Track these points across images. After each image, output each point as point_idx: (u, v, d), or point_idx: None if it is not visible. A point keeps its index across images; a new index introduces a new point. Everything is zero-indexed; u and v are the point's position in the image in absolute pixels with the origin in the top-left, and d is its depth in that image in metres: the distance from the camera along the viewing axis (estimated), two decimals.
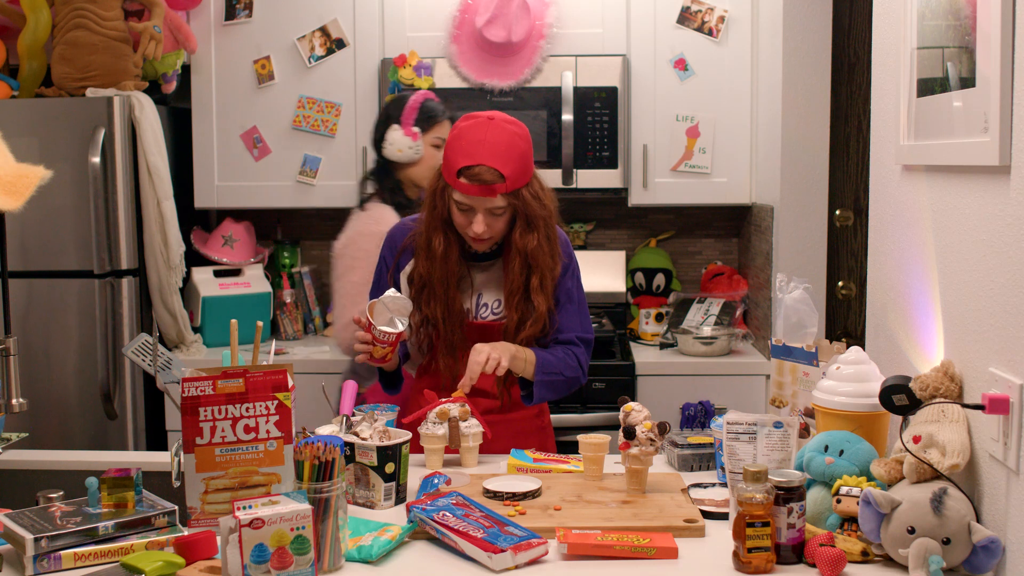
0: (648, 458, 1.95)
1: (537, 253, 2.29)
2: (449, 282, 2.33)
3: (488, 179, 2.21)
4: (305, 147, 3.72)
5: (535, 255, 2.29)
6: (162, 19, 3.48)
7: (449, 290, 2.32)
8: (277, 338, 3.86)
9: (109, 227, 3.32)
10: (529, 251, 2.29)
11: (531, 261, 2.30)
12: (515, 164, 2.23)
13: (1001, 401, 1.49)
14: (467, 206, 2.25)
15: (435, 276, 2.32)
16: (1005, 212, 1.53)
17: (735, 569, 1.62)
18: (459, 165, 2.22)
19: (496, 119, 2.26)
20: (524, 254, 2.29)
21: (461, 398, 2.20)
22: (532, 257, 2.29)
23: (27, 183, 1.76)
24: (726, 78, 3.60)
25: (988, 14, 1.55)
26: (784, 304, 2.09)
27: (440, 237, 2.32)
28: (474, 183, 2.21)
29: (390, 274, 2.43)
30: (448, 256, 2.32)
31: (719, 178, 3.62)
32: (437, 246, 2.31)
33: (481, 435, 2.18)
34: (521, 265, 2.30)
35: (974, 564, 1.53)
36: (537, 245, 2.29)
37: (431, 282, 2.33)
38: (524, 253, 2.29)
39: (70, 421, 3.35)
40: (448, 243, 2.32)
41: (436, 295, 2.33)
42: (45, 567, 1.64)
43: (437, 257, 2.32)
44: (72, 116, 3.31)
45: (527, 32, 3.53)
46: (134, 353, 2.09)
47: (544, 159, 3.56)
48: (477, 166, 2.21)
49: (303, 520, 1.53)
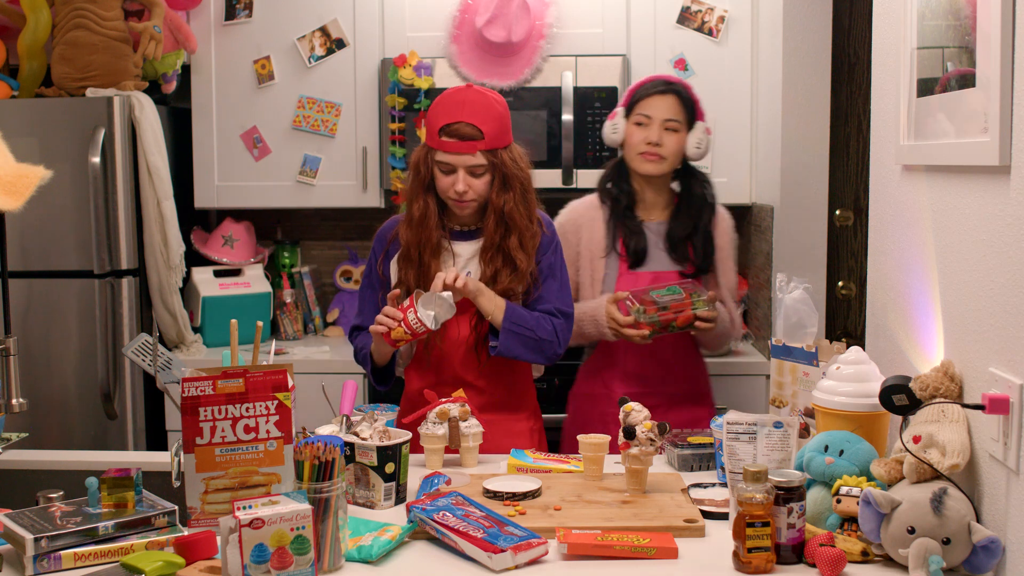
0: (648, 458, 1.95)
1: (513, 213, 2.38)
2: (424, 246, 2.40)
3: (468, 133, 2.33)
4: (305, 147, 3.72)
5: (511, 215, 2.38)
6: (162, 19, 3.48)
7: (424, 254, 2.39)
8: (277, 338, 3.86)
9: (109, 227, 3.32)
10: (506, 211, 2.38)
11: (508, 220, 2.38)
12: (493, 124, 2.36)
13: (1001, 401, 1.49)
14: (449, 167, 2.36)
15: (412, 240, 2.40)
16: (1005, 212, 1.53)
17: (735, 569, 1.62)
18: (440, 123, 2.35)
19: (473, 86, 2.42)
20: (500, 212, 2.38)
21: (461, 398, 2.20)
22: (508, 216, 2.38)
23: (27, 183, 1.76)
24: (726, 78, 3.60)
25: (988, 14, 1.55)
26: (784, 304, 2.09)
27: (420, 201, 2.41)
28: (454, 138, 2.34)
29: (379, 263, 2.49)
30: (426, 220, 2.40)
31: (719, 178, 3.61)
32: (416, 210, 2.41)
33: (481, 435, 2.18)
34: (496, 222, 2.39)
35: (974, 564, 1.53)
36: (513, 206, 2.38)
37: (407, 248, 2.41)
38: (500, 211, 2.38)
39: (70, 421, 3.35)
40: (427, 207, 2.40)
41: (411, 259, 2.40)
42: (45, 567, 1.64)
43: (415, 221, 2.41)
44: (72, 116, 3.31)
45: (527, 32, 3.53)
46: (134, 353, 2.09)
47: (544, 159, 3.56)
48: (457, 123, 2.34)
49: (303, 520, 1.53)
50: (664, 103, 2.71)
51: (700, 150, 2.73)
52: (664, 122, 2.70)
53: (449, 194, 2.38)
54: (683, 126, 2.72)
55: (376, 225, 4.03)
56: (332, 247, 4.13)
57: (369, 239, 4.07)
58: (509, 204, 2.38)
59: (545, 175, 3.59)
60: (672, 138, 2.70)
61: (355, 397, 2.29)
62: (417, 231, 2.40)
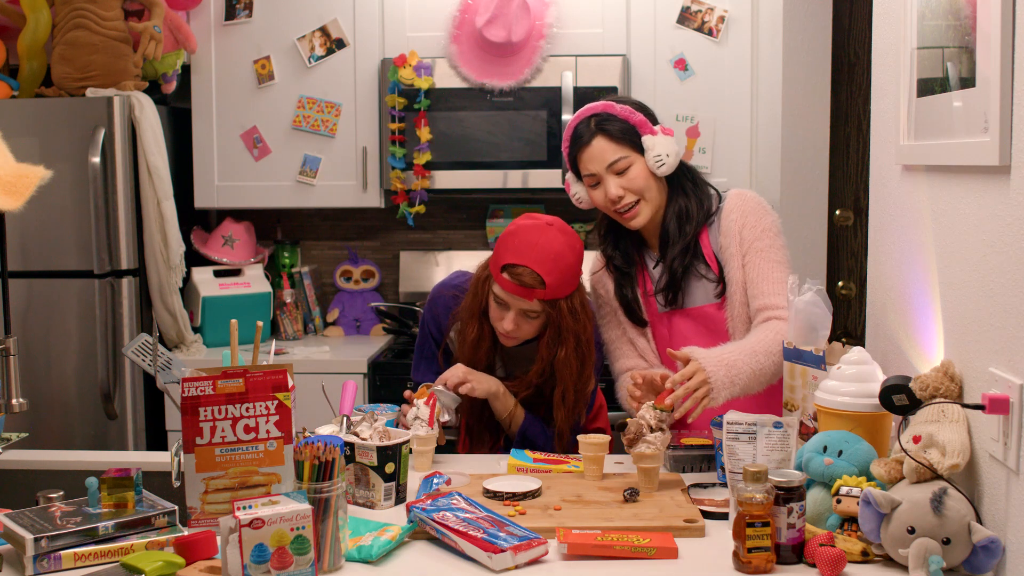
0: (659, 453, 1.95)
1: (562, 367, 2.26)
2: (476, 367, 2.32)
3: (528, 282, 2.19)
4: (305, 147, 3.72)
5: (560, 368, 2.26)
6: (162, 19, 3.48)
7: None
8: (277, 338, 3.86)
9: (109, 227, 3.32)
10: (555, 364, 2.27)
11: (555, 371, 2.28)
12: (559, 274, 2.20)
13: (1001, 401, 1.49)
14: (504, 301, 2.25)
15: (464, 359, 2.34)
16: (1005, 212, 1.53)
17: (735, 569, 1.62)
18: (505, 261, 2.22)
19: (554, 226, 2.25)
20: (548, 363, 2.28)
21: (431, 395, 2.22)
22: (556, 368, 2.27)
23: (27, 183, 1.76)
24: (726, 78, 3.60)
25: (988, 14, 1.54)
26: (795, 307, 2.07)
27: (475, 325, 2.31)
28: (514, 282, 2.20)
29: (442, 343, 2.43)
30: (479, 346, 2.32)
31: (719, 178, 3.62)
32: (470, 333, 2.32)
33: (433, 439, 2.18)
34: (542, 371, 2.29)
35: (974, 564, 1.53)
36: (564, 358, 2.25)
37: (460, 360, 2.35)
38: (548, 363, 2.27)
39: (70, 421, 3.35)
40: (481, 334, 2.31)
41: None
42: (45, 567, 1.64)
43: (468, 343, 2.33)
44: (72, 116, 3.31)
45: (527, 32, 3.53)
46: (134, 353, 2.09)
47: (544, 159, 3.56)
48: (521, 267, 2.19)
49: (303, 520, 1.53)
50: (596, 151, 2.27)
51: (665, 163, 2.27)
52: (608, 169, 2.26)
53: (497, 327, 2.28)
54: (631, 156, 2.27)
55: (376, 225, 4.07)
56: (332, 247, 4.13)
57: (369, 239, 4.09)
58: (559, 357, 2.25)
59: (545, 175, 3.59)
60: (631, 178, 2.26)
61: (355, 397, 2.29)
62: (470, 354, 2.33)
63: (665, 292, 2.33)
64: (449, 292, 2.43)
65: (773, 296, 2.22)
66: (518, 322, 2.25)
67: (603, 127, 2.27)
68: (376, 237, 4.11)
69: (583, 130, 2.30)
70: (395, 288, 4.07)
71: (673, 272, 2.31)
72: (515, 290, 2.20)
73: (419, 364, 2.46)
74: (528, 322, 2.26)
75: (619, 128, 2.27)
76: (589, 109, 2.32)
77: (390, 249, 4.10)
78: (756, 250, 2.26)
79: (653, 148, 2.26)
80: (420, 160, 3.59)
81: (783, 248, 2.30)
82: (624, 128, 2.27)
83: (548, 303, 2.22)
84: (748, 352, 2.12)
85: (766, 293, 2.23)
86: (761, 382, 2.15)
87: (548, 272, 2.19)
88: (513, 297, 2.22)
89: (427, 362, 2.45)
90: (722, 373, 2.06)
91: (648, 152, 2.27)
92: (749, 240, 2.27)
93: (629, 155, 2.27)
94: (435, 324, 2.44)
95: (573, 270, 2.24)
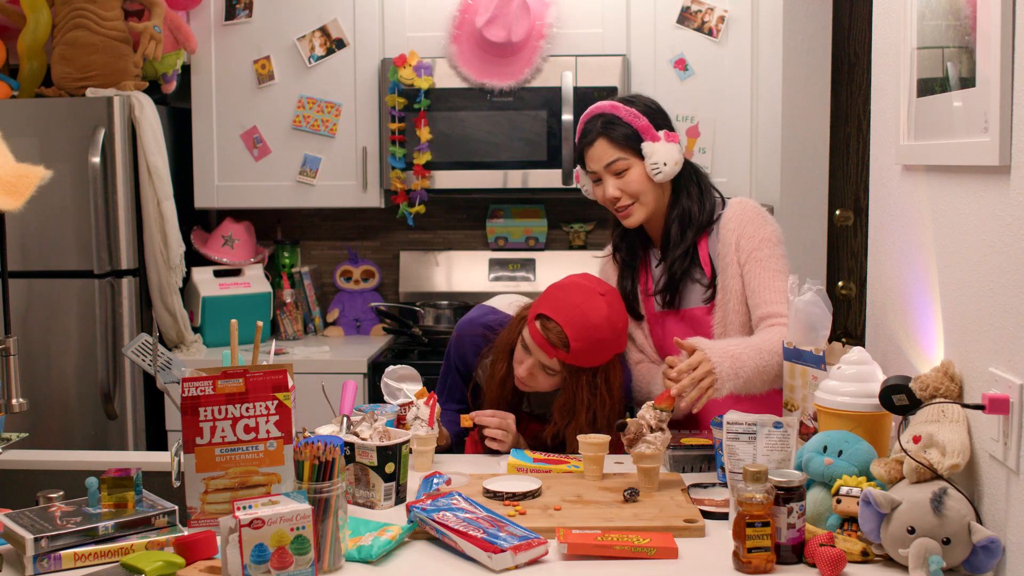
0: (659, 453, 1.95)
1: (571, 434, 2.23)
2: (499, 406, 2.33)
3: (553, 340, 2.19)
4: (305, 147, 3.72)
5: (570, 434, 2.24)
6: (162, 19, 3.48)
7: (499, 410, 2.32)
8: (277, 338, 3.86)
9: (109, 227, 3.32)
10: (566, 434, 2.26)
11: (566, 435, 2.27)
12: (587, 344, 2.18)
13: (1001, 401, 1.49)
14: (528, 348, 2.25)
15: (490, 394, 2.35)
16: (1005, 212, 1.53)
17: (735, 569, 1.62)
18: (541, 310, 2.22)
19: (606, 297, 2.23)
20: (561, 429, 2.27)
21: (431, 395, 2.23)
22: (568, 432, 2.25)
23: (27, 183, 1.76)
24: (726, 78, 3.60)
25: (988, 14, 1.54)
26: (795, 307, 2.07)
27: (504, 363, 2.32)
28: (541, 334, 2.20)
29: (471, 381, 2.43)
30: (504, 383, 2.33)
31: (719, 178, 3.62)
32: (499, 370, 2.33)
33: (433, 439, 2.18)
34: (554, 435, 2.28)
35: (974, 564, 1.53)
36: (574, 429, 2.22)
37: (485, 397, 2.36)
38: (561, 428, 2.27)
39: (70, 421, 3.35)
40: (509, 371, 2.32)
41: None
42: (45, 567, 1.64)
43: (496, 379, 2.33)
44: (72, 116, 3.31)
45: (527, 32, 3.53)
46: (134, 353, 2.09)
47: (544, 159, 3.56)
48: (553, 322, 2.19)
49: (303, 520, 1.53)
50: (597, 152, 2.31)
51: (662, 171, 2.28)
52: (607, 170, 2.30)
53: (516, 370, 2.28)
54: (630, 160, 2.29)
55: (376, 225, 4.07)
56: (332, 247, 4.13)
57: (369, 239, 4.09)
58: (571, 425, 2.23)
59: (545, 175, 3.59)
60: (628, 180, 2.29)
61: (355, 397, 2.29)
62: (497, 391, 2.34)
63: (663, 293, 2.36)
64: (477, 331, 2.42)
65: (775, 305, 2.24)
66: (534, 372, 2.25)
67: (607, 129, 2.30)
68: (376, 237, 4.11)
69: (590, 128, 2.34)
70: (395, 288, 4.07)
71: (672, 274, 2.34)
72: (539, 342, 2.21)
73: (443, 395, 2.47)
74: (545, 376, 2.26)
75: (621, 132, 2.29)
76: (598, 108, 2.34)
77: (390, 249, 4.10)
78: (755, 260, 2.28)
79: (651, 156, 2.28)
80: (420, 160, 3.59)
81: (783, 257, 2.31)
82: (627, 133, 2.29)
83: (568, 368, 2.22)
84: (753, 348, 2.14)
85: (768, 302, 2.25)
86: (764, 380, 2.15)
87: (577, 338, 2.17)
88: (535, 348, 2.22)
89: (451, 392, 2.46)
90: (727, 364, 2.08)
91: (646, 159, 2.29)
92: (747, 250, 2.28)
93: (628, 159, 2.30)
94: (462, 361, 2.44)
95: (606, 345, 2.21)
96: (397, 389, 2.29)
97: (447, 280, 3.96)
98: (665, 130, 2.32)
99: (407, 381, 2.31)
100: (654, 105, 2.37)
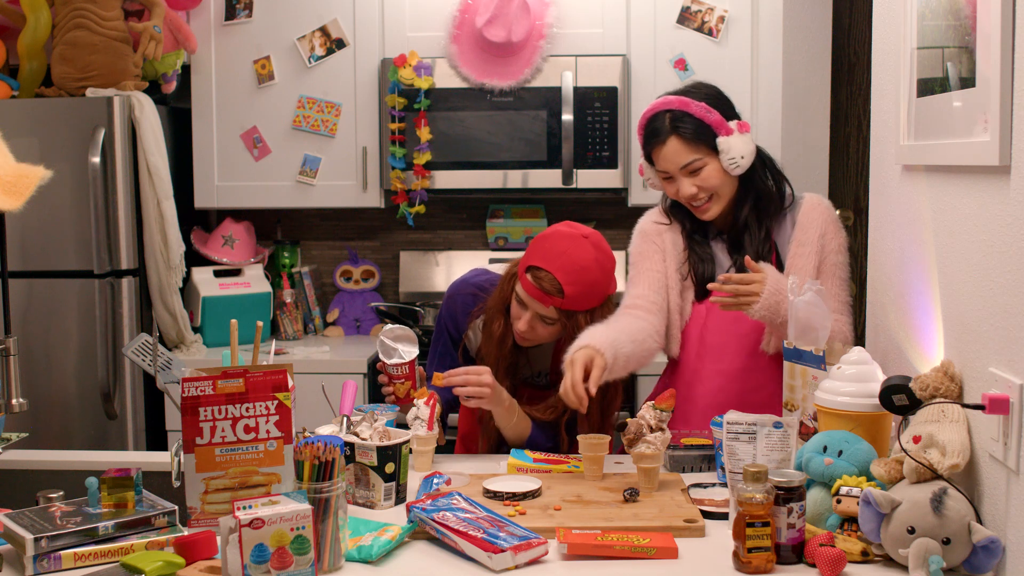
0: (659, 453, 1.96)
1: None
2: (499, 365, 2.33)
3: (547, 288, 2.20)
4: (305, 147, 3.72)
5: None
6: (162, 19, 3.48)
7: (498, 373, 2.30)
8: (277, 338, 3.86)
9: (109, 227, 3.32)
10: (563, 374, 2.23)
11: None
12: (581, 287, 2.19)
13: (1001, 401, 1.49)
14: (523, 301, 2.25)
15: (489, 355, 2.34)
16: (1005, 212, 1.53)
17: (735, 569, 1.62)
18: (531, 262, 2.23)
19: (589, 239, 2.23)
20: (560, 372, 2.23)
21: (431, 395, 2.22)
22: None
23: (27, 183, 1.76)
24: (726, 78, 3.58)
25: (988, 14, 1.54)
26: (795, 307, 2.07)
27: (500, 321, 2.33)
28: (534, 285, 2.21)
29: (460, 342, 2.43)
30: (504, 341, 2.33)
31: None
32: (496, 329, 2.33)
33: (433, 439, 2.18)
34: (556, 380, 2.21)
35: (974, 564, 1.53)
36: None
37: (485, 359, 2.36)
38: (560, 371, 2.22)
39: (70, 421, 3.35)
40: (506, 330, 2.32)
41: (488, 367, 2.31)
42: (45, 567, 1.64)
43: (494, 339, 2.33)
44: (72, 116, 3.31)
45: (527, 32, 3.53)
46: (134, 353, 2.09)
47: (544, 159, 3.56)
48: (544, 271, 2.20)
49: (303, 520, 1.53)
50: (670, 152, 2.23)
51: (740, 165, 2.22)
52: (682, 170, 2.24)
53: (513, 325, 2.30)
54: (705, 158, 2.23)
55: (376, 225, 4.07)
56: (332, 247, 4.13)
57: (369, 239, 4.09)
58: None
59: (545, 175, 3.59)
60: (705, 177, 2.23)
61: (355, 397, 2.29)
62: (496, 349, 2.33)
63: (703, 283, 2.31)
64: (468, 290, 2.43)
65: (836, 314, 2.23)
66: (533, 325, 2.25)
67: (678, 127, 2.23)
68: (376, 237, 4.11)
69: (659, 127, 2.25)
70: (395, 288, 4.07)
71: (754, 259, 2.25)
72: (534, 293, 2.21)
73: (433, 360, 2.46)
74: (544, 327, 2.26)
75: (694, 129, 2.22)
76: (665, 103, 2.26)
77: (390, 249, 4.10)
78: (832, 264, 2.28)
79: (728, 151, 2.22)
80: (420, 160, 3.59)
81: (847, 266, 2.33)
82: (699, 129, 2.22)
83: (565, 313, 2.22)
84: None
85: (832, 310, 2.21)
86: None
87: (569, 283, 2.19)
88: (531, 300, 2.22)
89: (441, 358, 2.45)
90: (774, 300, 2.11)
91: (723, 155, 2.22)
92: (829, 250, 2.27)
93: (703, 157, 2.23)
94: (452, 322, 2.44)
95: (598, 287, 2.23)
96: (393, 348, 2.28)
97: (447, 280, 3.96)
98: (736, 120, 2.26)
99: (403, 342, 2.29)
100: (720, 94, 2.29)
